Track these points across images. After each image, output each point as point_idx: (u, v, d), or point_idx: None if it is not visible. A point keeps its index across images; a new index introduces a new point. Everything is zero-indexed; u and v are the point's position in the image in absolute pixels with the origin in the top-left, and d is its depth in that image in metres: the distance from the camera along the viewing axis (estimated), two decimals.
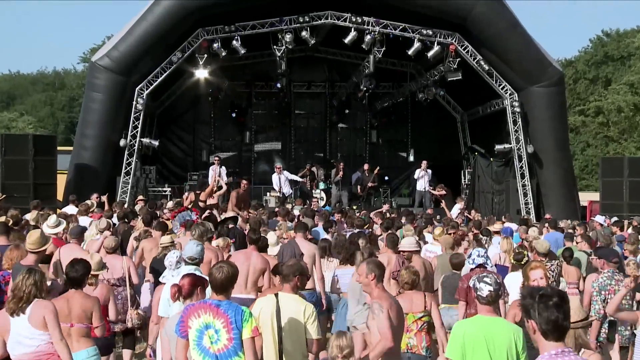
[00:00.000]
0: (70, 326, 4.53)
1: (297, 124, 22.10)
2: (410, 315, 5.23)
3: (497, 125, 18.19)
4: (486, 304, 3.84)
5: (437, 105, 20.71)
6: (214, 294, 3.84)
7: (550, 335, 2.50)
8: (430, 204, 17.04)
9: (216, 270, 3.83)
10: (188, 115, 21.46)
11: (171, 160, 21.02)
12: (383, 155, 22.10)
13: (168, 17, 15.36)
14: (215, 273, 3.81)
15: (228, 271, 3.81)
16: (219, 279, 3.79)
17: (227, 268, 3.83)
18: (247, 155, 21.79)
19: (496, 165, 17.93)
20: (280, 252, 7.13)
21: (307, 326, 4.16)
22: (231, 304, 3.75)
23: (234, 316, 3.64)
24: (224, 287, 3.79)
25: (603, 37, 43.80)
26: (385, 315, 4.06)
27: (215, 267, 3.88)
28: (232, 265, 3.89)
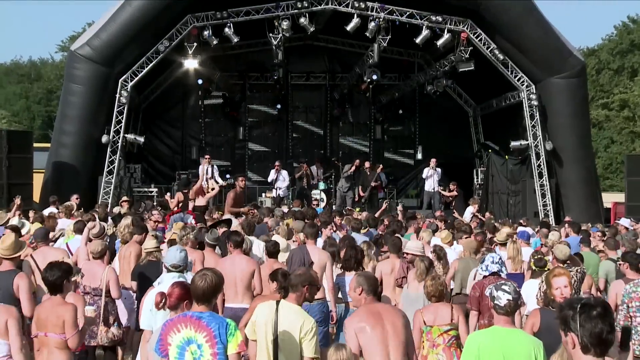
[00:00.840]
0: (44, 335, 4.50)
1: (295, 119, 22.09)
2: (435, 328, 5.21)
3: (512, 120, 18.17)
4: (504, 314, 3.82)
5: (448, 98, 20.69)
6: (195, 305, 3.77)
7: (593, 349, 2.46)
8: (439, 206, 17.03)
9: (199, 279, 3.75)
10: (176, 109, 21.44)
11: (158, 158, 21.01)
12: (388, 152, 22.10)
13: (155, 2, 15.34)
14: (198, 281, 3.74)
15: (212, 280, 3.74)
16: (201, 288, 3.72)
17: (211, 276, 3.76)
18: (240, 152, 21.78)
19: (512, 163, 17.92)
20: (289, 258, 7.10)
21: (303, 343, 4.12)
22: (215, 316, 3.69)
23: (218, 329, 3.57)
24: (206, 298, 3.72)
25: (629, 23, 43.69)
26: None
27: (198, 275, 3.81)
28: (217, 274, 3.83)
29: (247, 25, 16.37)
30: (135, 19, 15.39)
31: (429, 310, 5.35)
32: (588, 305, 2.51)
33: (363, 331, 4.05)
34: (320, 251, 7.22)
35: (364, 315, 4.14)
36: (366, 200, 17.61)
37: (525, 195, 17.07)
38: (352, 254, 6.89)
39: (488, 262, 6.09)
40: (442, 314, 5.26)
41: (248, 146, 21.74)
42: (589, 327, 2.47)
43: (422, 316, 5.33)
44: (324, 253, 7.19)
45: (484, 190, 18.67)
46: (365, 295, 4.24)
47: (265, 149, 21.85)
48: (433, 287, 5.41)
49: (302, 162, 18.54)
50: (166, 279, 5.05)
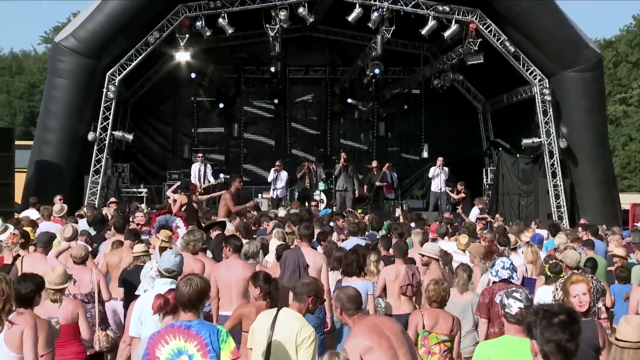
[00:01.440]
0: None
1: (294, 115, 22.09)
2: (433, 335, 5.25)
3: (524, 116, 18.17)
4: (515, 323, 3.81)
5: (455, 93, 20.69)
6: (181, 314, 3.75)
7: (552, 357, 2.50)
8: (447, 207, 17.02)
9: (183, 284, 3.73)
10: (167, 104, 21.45)
11: (147, 157, 21.02)
12: (392, 150, 22.11)
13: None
14: (182, 287, 3.72)
15: (197, 285, 3.72)
16: (187, 294, 3.70)
17: (197, 281, 3.75)
18: (235, 151, 21.78)
19: (523, 162, 17.92)
20: (283, 260, 7.10)
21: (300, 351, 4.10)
22: (204, 323, 3.68)
23: (209, 337, 3.55)
24: (193, 304, 3.70)
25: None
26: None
27: (182, 280, 3.80)
28: (203, 279, 3.83)
29: (243, 15, 16.35)
30: (123, 8, 15.38)
31: (430, 314, 5.37)
32: (550, 313, 2.55)
33: (371, 352, 3.96)
34: (316, 254, 7.23)
35: (365, 334, 4.05)
36: (370, 201, 17.58)
37: (537, 196, 17.07)
38: (353, 259, 6.89)
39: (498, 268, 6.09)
40: (443, 322, 5.31)
41: (243, 144, 21.74)
42: (547, 335, 2.51)
43: (422, 319, 5.34)
44: (319, 255, 7.21)
45: (494, 191, 18.67)
46: (347, 315, 4.17)
47: (262, 147, 21.84)
48: (435, 293, 5.42)
49: (305, 161, 18.46)
50: (158, 284, 5.03)
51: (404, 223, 11.98)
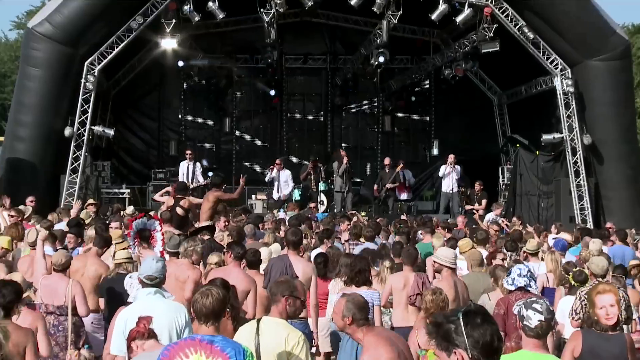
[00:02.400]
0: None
1: (291, 108, 22.08)
2: (430, 353, 5.17)
3: (544, 109, 18.15)
4: (534, 336, 3.79)
5: (468, 84, 20.68)
6: (201, 327, 3.75)
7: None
8: (459, 209, 17.01)
9: (202, 295, 3.77)
10: (152, 97, 21.45)
11: (130, 154, 21.02)
12: (399, 147, 22.09)
13: None
14: (202, 299, 3.75)
15: (218, 294, 3.77)
16: (210, 304, 3.73)
17: (216, 291, 3.78)
18: (227, 148, 21.78)
19: (543, 160, 17.90)
20: (268, 269, 7.10)
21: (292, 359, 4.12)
22: (228, 340, 3.65)
23: (235, 356, 3.49)
24: (216, 316, 3.73)
25: None
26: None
27: (200, 292, 3.82)
28: (221, 287, 3.90)
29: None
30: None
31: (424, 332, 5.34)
32: (471, 313, 2.55)
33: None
34: (305, 262, 7.24)
35: (382, 349, 4.05)
36: (380, 202, 17.57)
37: (559, 197, 17.05)
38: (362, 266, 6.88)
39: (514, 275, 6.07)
40: None
41: (235, 140, 21.73)
42: (477, 336, 2.51)
43: (416, 338, 5.32)
44: (308, 265, 7.21)
45: (511, 192, 18.64)
46: (356, 326, 4.19)
47: (256, 143, 21.83)
48: (433, 304, 5.39)
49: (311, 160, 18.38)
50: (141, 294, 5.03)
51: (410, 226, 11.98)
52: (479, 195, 17.51)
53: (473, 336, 2.50)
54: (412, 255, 7.43)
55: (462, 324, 2.52)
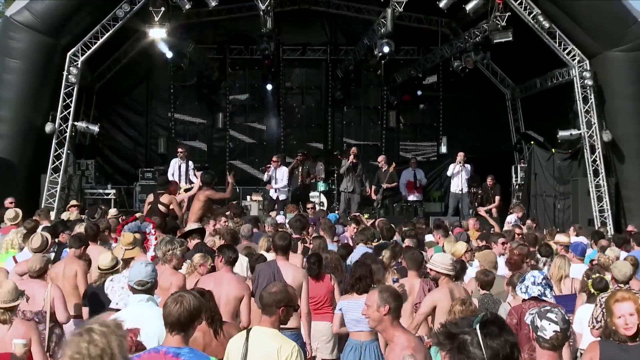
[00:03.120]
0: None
1: (288, 103, 22.07)
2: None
3: (561, 104, 18.12)
4: (550, 348, 3.79)
5: (479, 77, 20.66)
6: (167, 336, 3.75)
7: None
8: (469, 211, 16.98)
9: (173, 301, 3.76)
10: (139, 91, 21.45)
11: (116, 152, 21.02)
12: (405, 144, 22.09)
13: None
14: (171, 304, 3.75)
15: (189, 303, 3.74)
16: (176, 313, 3.72)
17: (189, 299, 3.76)
18: (219, 145, 21.77)
19: (560, 158, 17.89)
20: (255, 276, 7.09)
21: None
22: (196, 353, 3.67)
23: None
24: (183, 326, 3.71)
25: None
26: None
27: (171, 298, 3.82)
28: (197, 297, 3.85)
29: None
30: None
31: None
32: (489, 322, 2.52)
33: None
34: (295, 268, 7.22)
35: (418, 346, 4.11)
36: (378, 204, 17.53)
37: (576, 198, 17.03)
38: (363, 273, 6.86)
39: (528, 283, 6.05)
40: None
41: (229, 137, 21.72)
42: (496, 348, 2.48)
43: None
44: (299, 271, 7.19)
45: (525, 192, 18.64)
46: (392, 316, 4.23)
47: (251, 140, 21.81)
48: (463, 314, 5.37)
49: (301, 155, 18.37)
50: (132, 301, 5.05)
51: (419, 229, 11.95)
52: (492, 190, 17.47)
53: (492, 348, 2.48)
54: (417, 259, 7.41)
55: (479, 335, 2.49)
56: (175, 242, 6.90)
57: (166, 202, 11.73)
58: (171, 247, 6.78)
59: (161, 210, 11.36)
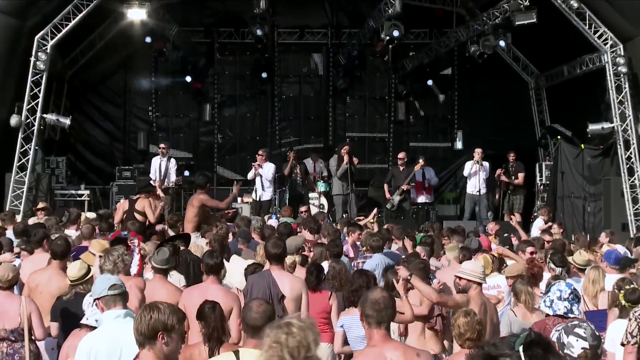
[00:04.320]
0: None
1: (284, 93, 22.04)
2: None
3: (591, 94, 18.12)
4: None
5: (499, 63, 20.63)
6: (142, 350, 3.86)
7: None
8: (487, 215, 16.96)
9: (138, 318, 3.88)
10: (116, 79, 21.43)
11: (90, 148, 21.01)
12: (415, 140, 22.05)
13: None
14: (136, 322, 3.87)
15: (157, 319, 3.92)
16: (144, 324, 3.87)
17: (156, 315, 3.89)
18: (207, 140, 21.76)
19: (590, 155, 17.87)
20: (248, 288, 7.07)
21: None
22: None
23: None
24: (148, 338, 3.85)
25: None
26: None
27: (139, 313, 3.94)
28: (164, 312, 3.96)
29: None
30: None
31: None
32: (533, 343, 2.54)
33: None
34: (292, 278, 7.20)
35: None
36: (392, 207, 17.49)
37: (608, 199, 17.01)
38: (361, 283, 6.84)
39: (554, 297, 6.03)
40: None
41: (217, 131, 21.70)
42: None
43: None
44: (297, 280, 7.18)
45: (551, 193, 18.61)
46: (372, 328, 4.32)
47: (242, 134, 21.78)
48: (468, 327, 5.35)
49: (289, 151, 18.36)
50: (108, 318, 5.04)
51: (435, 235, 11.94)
52: (513, 167, 17.43)
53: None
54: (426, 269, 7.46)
55: (522, 358, 2.50)
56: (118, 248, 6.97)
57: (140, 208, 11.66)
58: (117, 254, 6.81)
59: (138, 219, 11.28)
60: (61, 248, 7.78)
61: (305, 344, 3.34)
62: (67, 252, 7.90)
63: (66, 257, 7.83)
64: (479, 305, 6.68)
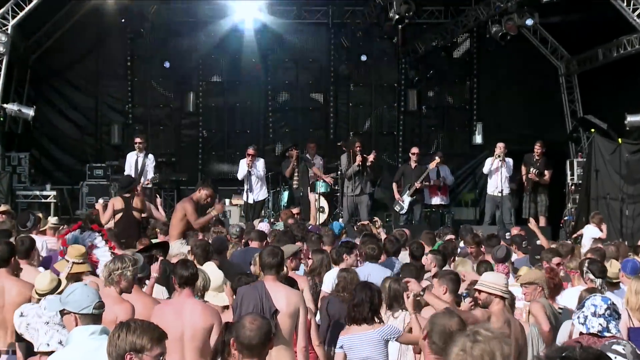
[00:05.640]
0: None
1: (279, 79, 22.01)
2: None
3: (629, 80, 18.13)
4: None
5: (525, 46, 20.63)
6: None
7: None
8: (511, 219, 16.91)
9: (110, 337, 3.95)
10: (86, 64, 21.39)
11: (57, 143, 20.99)
12: (428, 133, 22.05)
13: None
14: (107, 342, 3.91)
15: (124, 339, 4.00)
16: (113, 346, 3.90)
17: (124, 334, 3.98)
18: (190, 134, 21.77)
19: (628, 151, 17.84)
20: (238, 302, 7.03)
21: None
22: None
23: None
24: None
25: None
26: None
27: (111, 332, 3.96)
28: (134, 330, 4.03)
29: None
30: None
31: None
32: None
33: None
34: (288, 291, 7.15)
35: None
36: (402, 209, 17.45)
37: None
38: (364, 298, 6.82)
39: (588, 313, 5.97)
40: None
41: (202, 123, 21.69)
42: None
43: None
44: (293, 294, 7.14)
45: (583, 194, 18.56)
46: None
47: (230, 127, 21.73)
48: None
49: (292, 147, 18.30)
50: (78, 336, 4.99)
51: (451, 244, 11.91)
52: (539, 162, 17.34)
53: None
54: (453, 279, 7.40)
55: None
56: (125, 260, 6.83)
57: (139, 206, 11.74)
58: (120, 265, 6.71)
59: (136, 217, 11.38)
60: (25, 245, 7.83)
61: (490, 354, 3.66)
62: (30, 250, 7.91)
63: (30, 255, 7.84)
64: (502, 322, 6.66)
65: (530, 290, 7.99)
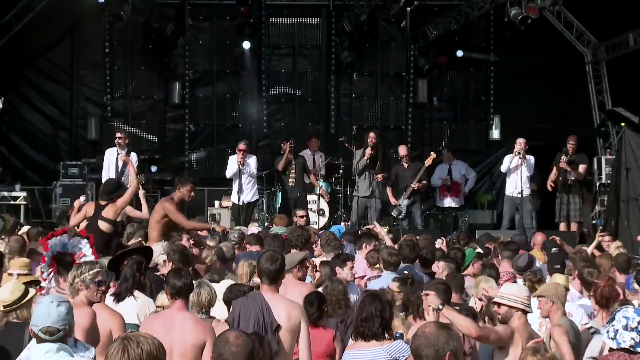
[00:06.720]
0: None
1: (274, 68, 22.03)
2: None
3: None
4: None
5: (548, 31, 20.63)
6: None
7: None
8: (532, 222, 16.90)
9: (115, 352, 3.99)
10: (61, 51, 21.45)
11: (28, 139, 21.04)
12: (440, 127, 22.06)
13: None
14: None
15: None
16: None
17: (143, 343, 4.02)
18: (175, 128, 21.82)
19: None
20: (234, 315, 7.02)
21: None
22: None
23: None
24: None
25: None
26: None
27: (118, 343, 4.06)
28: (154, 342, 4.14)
29: None
30: None
31: None
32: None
33: None
34: (289, 304, 7.14)
35: None
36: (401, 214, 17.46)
37: None
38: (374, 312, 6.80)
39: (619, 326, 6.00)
40: None
41: (189, 116, 21.71)
42: None
43: None
44: (295, 307, 7.13)
45: (612, 195, 18.54)
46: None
47: (220, 121, 21.75)
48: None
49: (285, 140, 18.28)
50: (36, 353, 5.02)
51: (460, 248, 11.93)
52: (572, 155, 17.29)
53: None
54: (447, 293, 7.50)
55: None
56: (82, 265, 6.83)
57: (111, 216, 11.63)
58: (76, 271, 6.70)
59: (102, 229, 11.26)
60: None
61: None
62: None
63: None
64: (526, 339, 6.70)
65: (542, 304, 7.98)
